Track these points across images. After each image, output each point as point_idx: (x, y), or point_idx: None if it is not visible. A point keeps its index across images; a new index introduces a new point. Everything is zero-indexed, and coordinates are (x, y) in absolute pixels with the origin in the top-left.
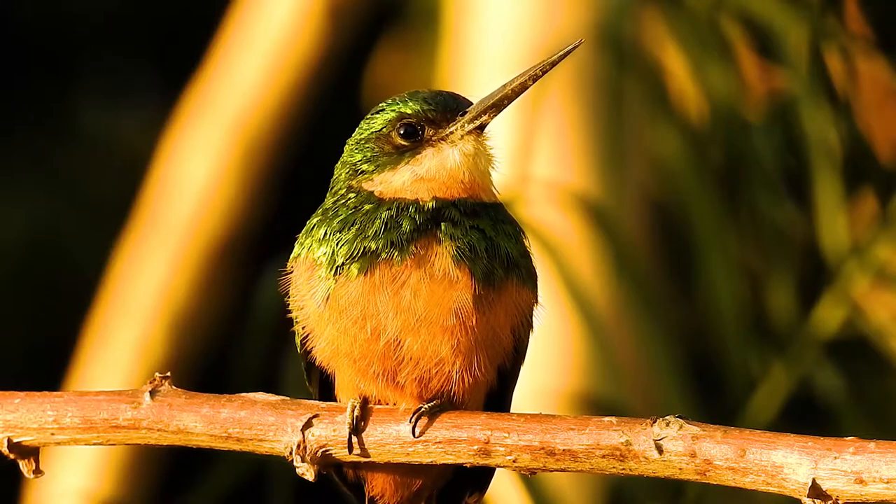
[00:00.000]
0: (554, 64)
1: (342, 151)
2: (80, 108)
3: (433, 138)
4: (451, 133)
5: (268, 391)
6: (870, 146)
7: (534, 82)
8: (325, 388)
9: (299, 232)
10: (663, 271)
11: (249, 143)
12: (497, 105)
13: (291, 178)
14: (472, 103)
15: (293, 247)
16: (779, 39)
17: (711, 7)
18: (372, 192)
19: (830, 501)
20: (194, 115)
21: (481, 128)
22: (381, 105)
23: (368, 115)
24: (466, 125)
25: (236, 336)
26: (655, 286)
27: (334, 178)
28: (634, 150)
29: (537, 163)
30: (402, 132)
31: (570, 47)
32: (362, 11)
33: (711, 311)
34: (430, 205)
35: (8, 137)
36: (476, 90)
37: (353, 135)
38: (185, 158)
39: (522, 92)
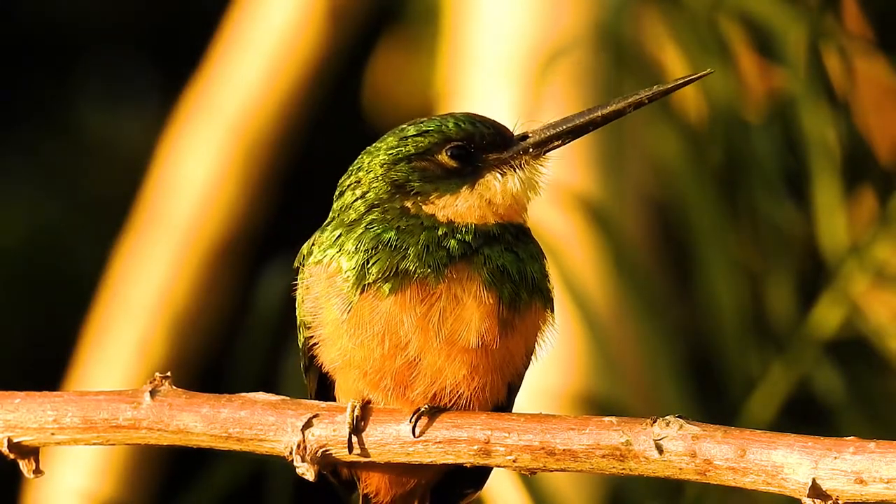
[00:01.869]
0: (668, 92)
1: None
2: (80, 109)
3: (495, 162)
4: (517, 158)
5: (268, 391)
6: (869, 146)
7: (635, 109)
8: (322, 387)
9: (299, 232)
10: (663, 271)
11: (250, 144)
12: (577, 130)
13: (292, 178)
14: (511, 132)
15: (294, 247)
16: (778, 39)
17: (710, 7)
18: (427, 214)
19: (830, 501)
20: (194, 115)
21: (546, 152)
22: (417, 124)
23: (399, 135)
24: (532, 150)
25: (236, 336)
26: (655, 286)
27: (360, 190)
28: (634, 150)
29: None
30: (451, 153)
31: (697, 75)
32: (362, 12)
33: (711, 311)
34: (490, 227)
35: (8, 137)
36: (475, 90)
37: (381, 152)
38: (185, 158)
39: (617, 118)
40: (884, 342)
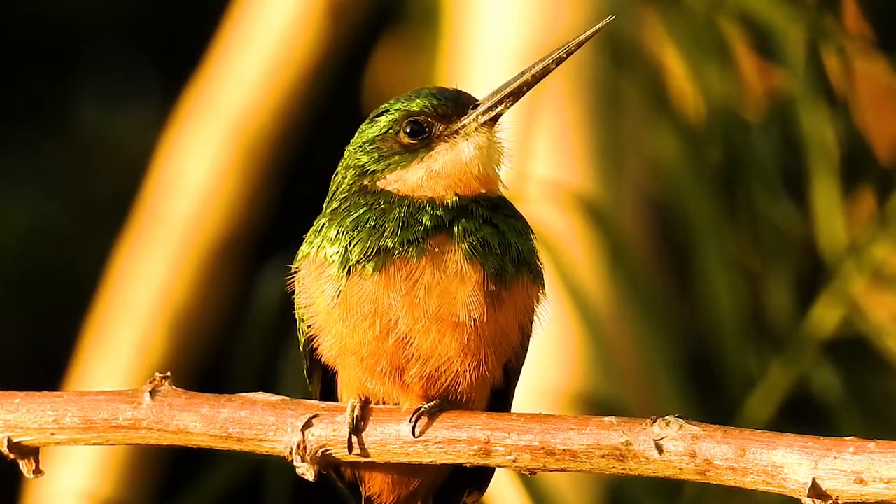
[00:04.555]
0: (580, 45)
1: (342, 152)
2: (80, 108)
3: (445, 133)
4: (465, 126)
5: (268, 391)
6: (868, 145)
7: (557, 66)
8: (325, 388)
9: (299, 232)
10: (662, 271)
11: (249, 143)
12: (516, 93)
13: (291, 177)
14: (477, 99)
15: (294, 246)
16: (777, 39)
17: (709, 7)
18: (385, 191)
19: (830, 501)
20: (194, 115)
21: (495, 119)
22: (382, 106)
23: (370, 118)
24: (480, 117)
25: (236, 336)
26: (654, 286)
27: (337, 180)
28: (633, 149)
29: (536, 162)
30: (408, 130)
31: (596, 28)
32: (362, 11)
33: (710, 311)
34: (451, 201)
35: (8, 137)
36: (476, 89)
37: (355, 138)
38: (185, 158)
39: (544, 77)
40: (882, 342)
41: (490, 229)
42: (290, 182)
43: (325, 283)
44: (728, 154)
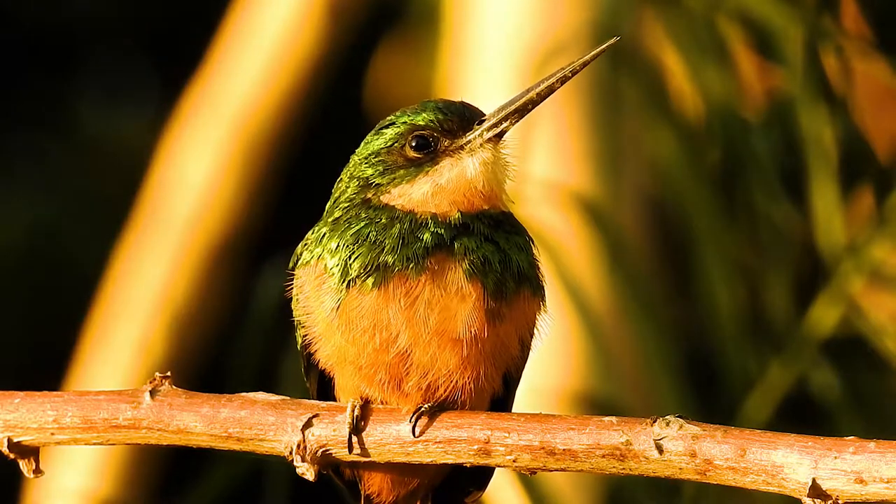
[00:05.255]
0: (585, 64)
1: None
2: (80, 108)
3: (450, 148)
4: (470, 142)
5: (268, 391)
6: (867, 145)
7: (562, 84)
8: (322, 387)
9: (299, 232)
10: (661, 271)
11: (250, 142)
12: (521, 110)
13: (292, 177)
14: (483, 113)
15: (294, 247)
16: (776, 39)
17: (708, 7)
18: (389, 206)
19: (830, 501)
20: (194, 115)
21: (500, 135)
22: (389, 118)
23: (376, 129)
24: (485, 133)
25: (236, 336)
26: (653, 285)
27: (340, 188)
28: (632, 149)
29: (535, 162)
30: (414, 144)
31: (601, 48)
32: (362, 11)
33: (709, 310)
34: (454, 218)
35: (8, 137)
36: (476, 90)
37: (360, 148)
38: (185, 158)
39: (549, 95)
40: (881, 341)
41: (491, 247)
42: (290, 182)
43: (324, 295)
44: (727, 154)
